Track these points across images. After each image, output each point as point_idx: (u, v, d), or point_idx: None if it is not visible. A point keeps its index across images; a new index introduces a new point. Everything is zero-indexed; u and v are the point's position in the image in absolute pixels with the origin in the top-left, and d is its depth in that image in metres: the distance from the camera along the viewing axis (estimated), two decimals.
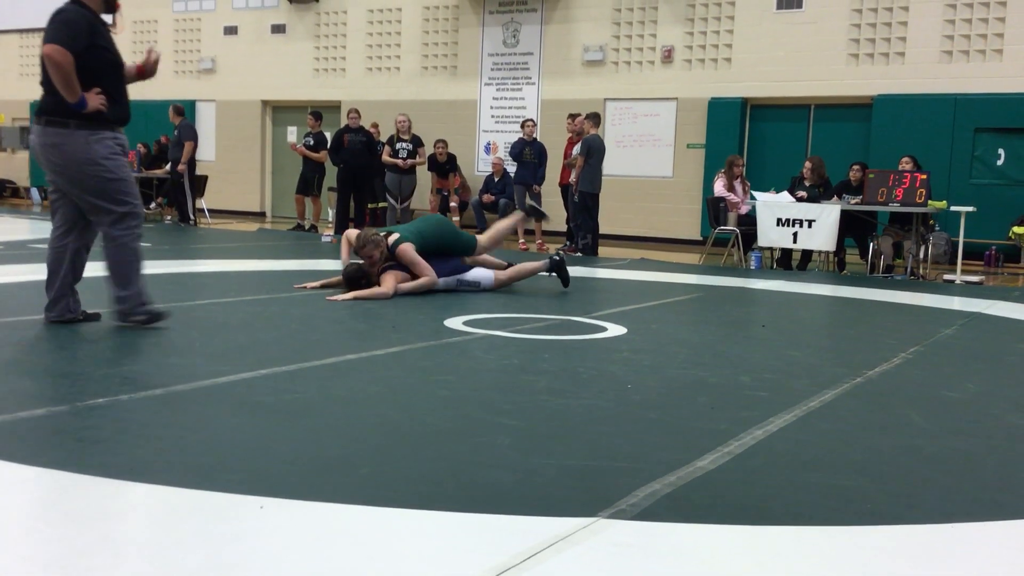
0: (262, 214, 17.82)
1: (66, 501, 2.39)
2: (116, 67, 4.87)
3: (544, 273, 7.30)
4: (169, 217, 14.69)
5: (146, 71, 5.12)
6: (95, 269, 5.15)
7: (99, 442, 2.87)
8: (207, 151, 17.39)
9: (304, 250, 10.70)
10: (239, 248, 10.57)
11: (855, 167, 10.66)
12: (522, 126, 12.86)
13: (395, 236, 6.63)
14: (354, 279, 6.49)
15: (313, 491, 2.47)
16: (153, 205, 15.55)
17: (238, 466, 2.68)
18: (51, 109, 4.64)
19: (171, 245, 10.68)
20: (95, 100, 4.61)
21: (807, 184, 10.67)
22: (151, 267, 7.99)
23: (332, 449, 2.88)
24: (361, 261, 6.59)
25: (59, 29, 4.55)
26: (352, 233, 6.78)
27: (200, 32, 18.27)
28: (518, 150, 12.58)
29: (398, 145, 13.34)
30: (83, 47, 4.58)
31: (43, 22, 4.66)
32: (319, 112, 14.14)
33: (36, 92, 4.93)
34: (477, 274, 6.99)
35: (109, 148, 4.71)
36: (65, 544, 2.10)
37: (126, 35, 19.00)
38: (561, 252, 7.10)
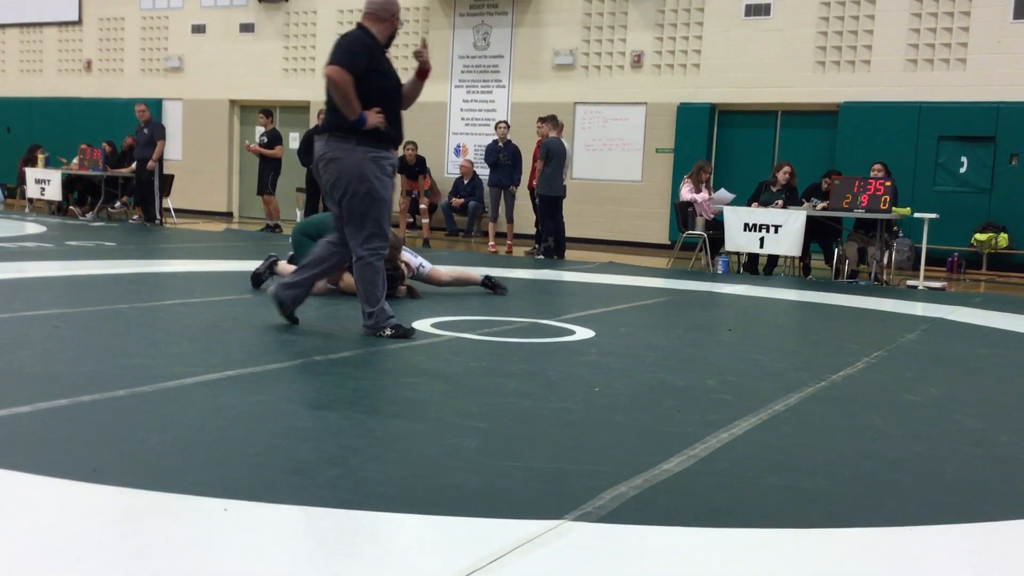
0: (229, 214, 17.69)
1: (26, 503, 2.35)
2: (393, 92, 5.09)
3: (480, 287, 7.27)
4: (135, 216, 14.53)
5: (422, 64, 5.25)
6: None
7: (60, 443, 2.83)
8: (174, 150, 17.23)
9: (270, 250, 10.60)
10: (205, 248, 10.48)
11: (826, 179, 10.76)
12: (496, 128, 12.84)
13: (419, 260, 7.02)
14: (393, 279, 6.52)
15: (278, 493, 2.46)
16: (118, 204, 15.38)
17: (202, 468, 2.66)
18: (334, 126, 4.88)
19: (136, 245, 10.57)
20: (374, 118, 4.83)
21: (774, 190, 10.76)
22: (114, 267, 7.94)
23: (298, 451, 2.86)
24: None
25: (341, 51, 4.85)
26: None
27: (167, 30, 18.10)
28: (493, 158, 12.48)
29: None
30: (362, 70, 4.82)
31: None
32: (270, 110, 14.12)
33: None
34: (420, 256, 7.23)
35: (382, 168, 4.93)
36: (25, 546, 2.07)
37: (92, 32, 18.82)
38: (491, 278, 7.15)
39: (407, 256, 7.01)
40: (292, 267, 6.77)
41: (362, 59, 4.86)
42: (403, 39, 15.81)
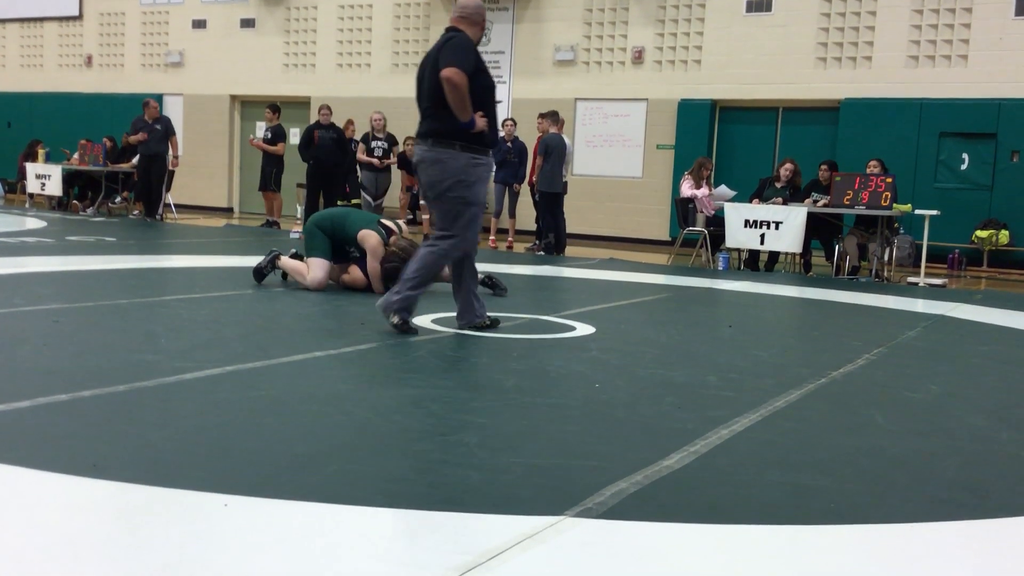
0: (229, 210, 17.69)
1: (26, 499, 2.35)
2: (492, 91, 5.13)
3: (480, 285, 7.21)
4: (136, 212, 14.53)
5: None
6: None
7: (60, 439, 2.83)
8: None
9: (271, 246, 10.60)
10: (206, 244, 10.48)
11: (823, 166, 10.78)
12: (502, 125, 12.70)
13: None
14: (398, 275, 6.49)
15: (278, 489, 2.45)
16: (119, 200, 15.37)
17: (202, 464, 2.66)
18: (439, 131, 4.93)
19: (137, 240, 10.56)
20: (481, 122, 4.88)
21: (778, 186, 10.75)
22: (115, 262, 7.94)
23: (298, 447, 2.86)
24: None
25: (457, 52, 4.86)
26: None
27: (168, 25, 18.09)
28: (501, 156, 12.30)
29: (373, 143, 13.25)
30: (472, 71, 4.85)
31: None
32: (276, 105, 14.05)
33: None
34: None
35: (481, 175, 5.01)
36: (25, 542, 2.07)
37: (92, 27, 18.80)
38: (492, 276, 7.08)
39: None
40: (294, 262, 6.78)
41: (472, 59, 4.91)
42: (404, 35, 15.82)
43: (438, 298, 6.52)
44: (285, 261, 6.81)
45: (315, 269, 6.51)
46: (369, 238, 6.46)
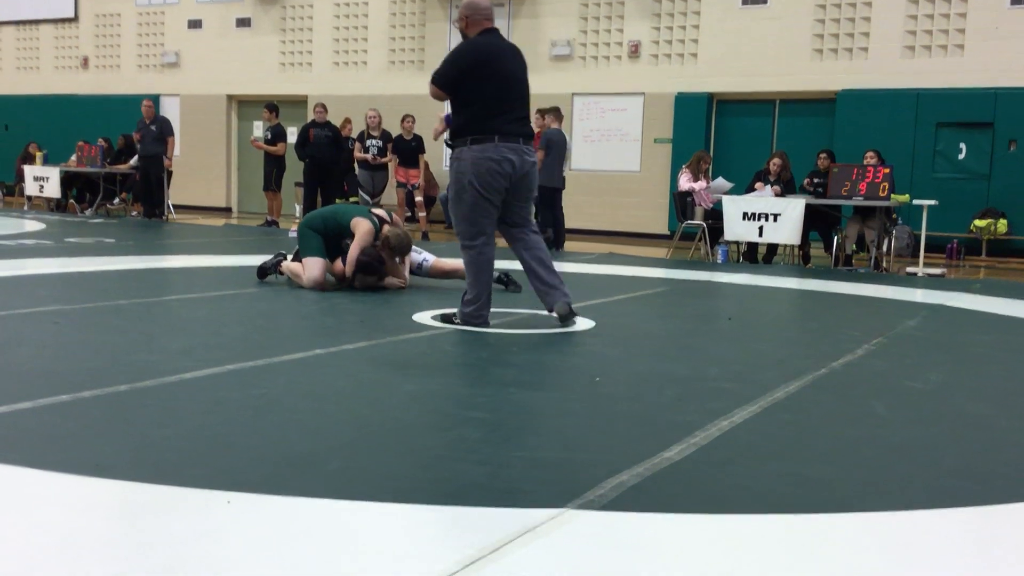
0: (228, 210, 17.68)
1: (29, 499, 2.36)
2: (494, 83, 5.29)
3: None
4: (135, 212, 14.53)
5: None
6: None
7: (62, 439, 2.84)
8: None
9: (270, 245, 10.62)
10: (205, 244, 10.48)
11: (823, 154, 10.79)
12: None
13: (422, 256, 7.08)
14: (371, 268, 6.50)
15: (281, 486, 2.46)
16: (117, 201, 15.37)
17: (204, 462, 2.66)
18: (532, 134, 5.34)
19: (136, 241, 10.56)
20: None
21: (771, 180, 10.75)
22: (114, 263, 7.94)
23: (300, 444, 2.86)
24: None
25: (442, 63, 5.22)
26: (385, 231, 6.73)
27: (164, 26, 18.07)
28: None
29: (368, 142, 13.22)
30: (458, 75, 5.17)
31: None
32: (274, 104, 14.01)
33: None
34: (424, 251, 7.23)
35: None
36: (28, 542, 2.08)
37: (88, 29, 18.78)
38: (507, 274, 7.04)
39: (411, 254, 6.99)
40: (292, 264, 6.78)
41: (457, 66, 5.16)
42: (401, 32, 15.81)
43: (438, 294, 6.52)
44: (286, 265, 6.81)
45: (310, 268, 6.52)
46: (361, 224, 6.50)
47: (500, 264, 7.91)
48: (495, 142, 5.02)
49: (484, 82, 5.07)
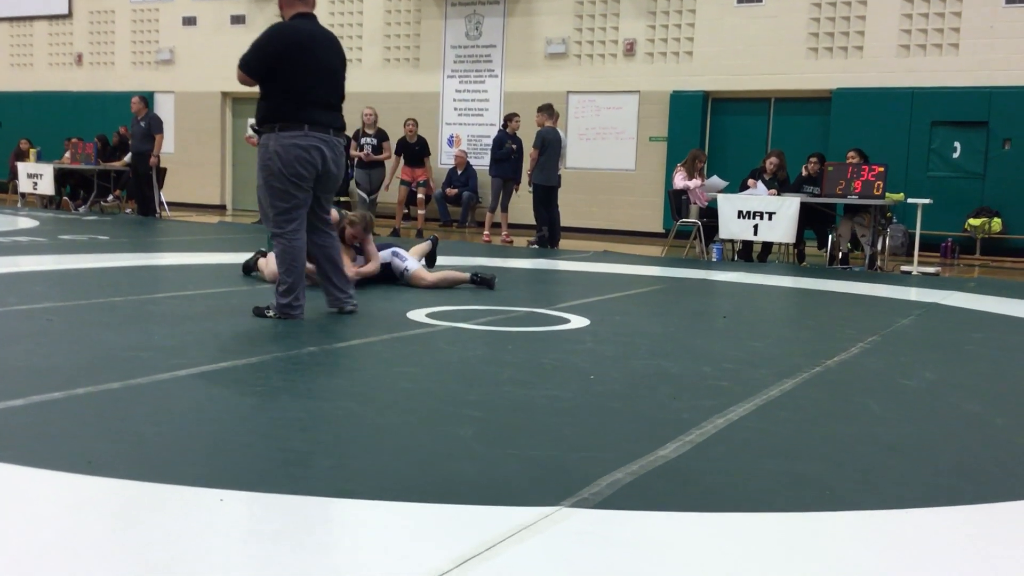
0: (222, 207, 17.64)
1: (21, 496, 2.35)
2: (295, 63, 5.15)
3: (469, 284, 7.10)
4: (129, 210, 14.50)
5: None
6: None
7: (55, 436, 2.82)
8: (166, 143, 17.07)
9: (264, 242, 10.58)
10: (199, 241, 10.46)
11: (812, 159, 10.78)
12: (509, 120, 12.50)
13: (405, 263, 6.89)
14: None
15: (274, 484, 2.45)
16: (111, 198, 15.33)
17: (197, 459, 2.65)
18: (343, 126, 5.38)
19: (130, 238, 10.53)
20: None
21: (767, 178, 10.76)
22: (107, 260, 7.91)
23: (293, 442, 2.86)
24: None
25: (248, 49, 5.13)
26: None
27: (158, 23, 18.02)
28: (506, 151, 12.02)
29: (363, 139, 13.18)
30: (265, 59, 5.11)
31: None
32: None
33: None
34: (410, 258, 6.97)
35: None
36: (21, 539, 2.06)
37: (82, 25, 18.73)
38: (479, 274, 6.94)
39: (394, 260, 6.88)
40: (262, 259, 6.86)
41: (265, 51, 5.07)
42: (396, 29, 15.78)
43: (433, 292, 6.51)
44: (262, 262, 6.95)
45: (271, 264, 6.48)
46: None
47: (464, 262, 7.89)
48: (304, 131, 4.95)
49: (294, 68, 4.95)
